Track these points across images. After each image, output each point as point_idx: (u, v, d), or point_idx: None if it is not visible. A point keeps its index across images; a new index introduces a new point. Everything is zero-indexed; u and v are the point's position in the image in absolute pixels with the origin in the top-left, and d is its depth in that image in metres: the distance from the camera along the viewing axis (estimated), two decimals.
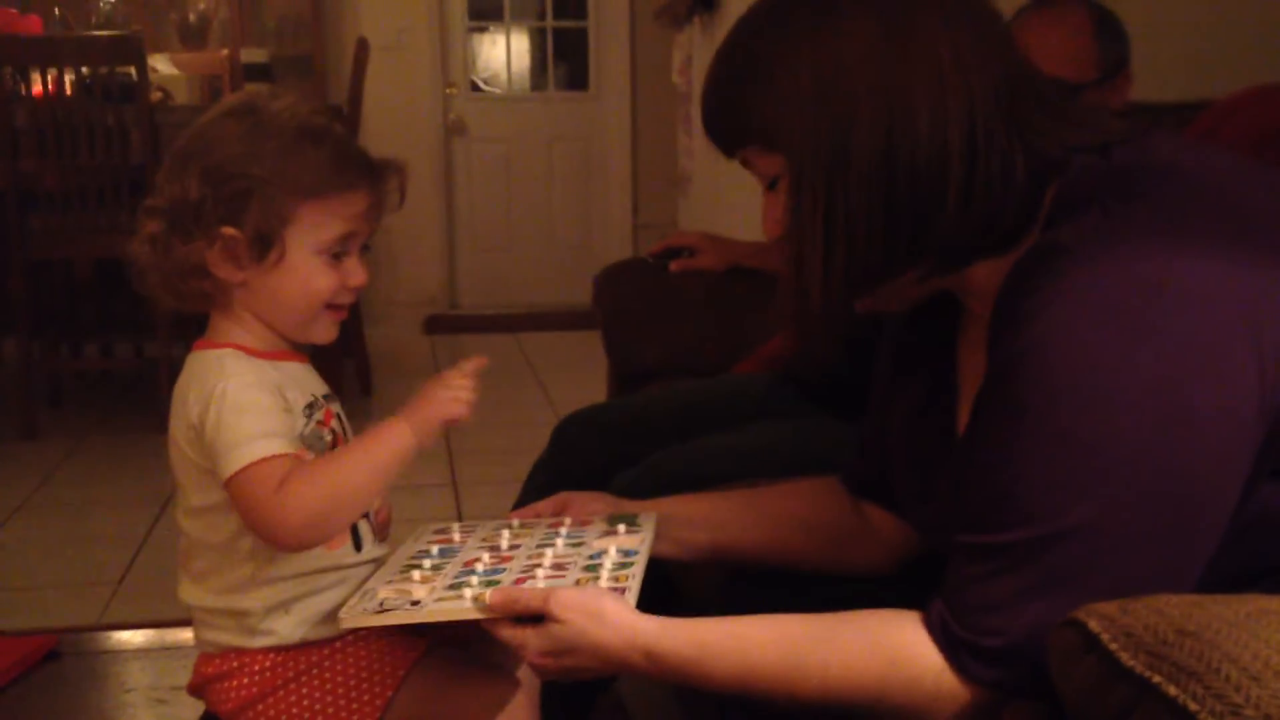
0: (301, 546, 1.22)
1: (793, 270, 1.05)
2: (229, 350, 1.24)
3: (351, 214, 1.25)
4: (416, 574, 1.22)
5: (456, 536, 1.33)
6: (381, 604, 1.15)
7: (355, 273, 1.27)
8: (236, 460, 1.17)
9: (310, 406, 1.27)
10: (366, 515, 1.31)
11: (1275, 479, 0.93)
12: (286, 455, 1.19)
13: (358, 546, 1.30)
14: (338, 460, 1.23)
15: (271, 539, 1.20)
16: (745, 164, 1.11)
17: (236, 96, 1.29)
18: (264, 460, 1.17)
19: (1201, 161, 1.00)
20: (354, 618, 1.14)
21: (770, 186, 1.09)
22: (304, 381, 1.29)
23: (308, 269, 1.24)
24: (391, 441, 1.22)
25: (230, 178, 1.20)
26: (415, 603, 1.15)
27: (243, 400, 1.19)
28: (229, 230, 1.20)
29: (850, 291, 1.05)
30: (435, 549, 1.30)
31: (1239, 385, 0.88)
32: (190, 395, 1.22)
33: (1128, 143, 1.02)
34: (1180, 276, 0.89)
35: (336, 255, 1.25)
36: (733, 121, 1.09)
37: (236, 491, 1.18)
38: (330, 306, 1.28)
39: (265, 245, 1.21)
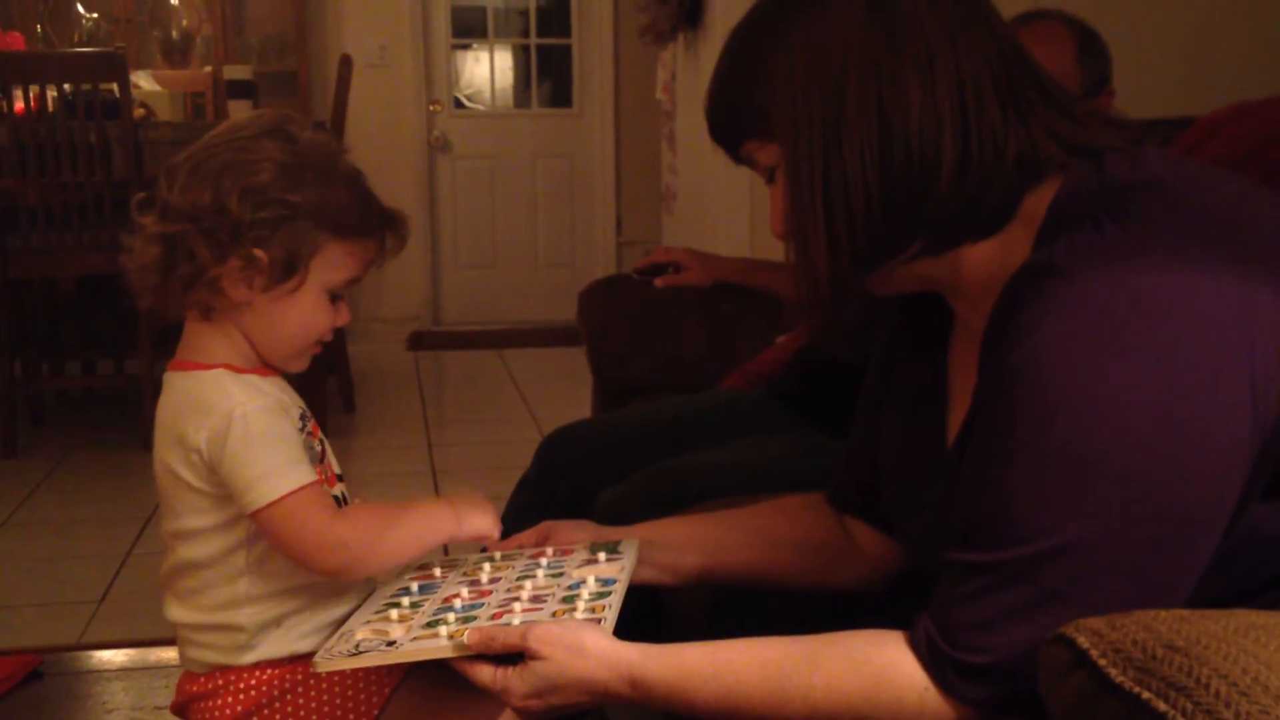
0: (338, 575, 1.24)
1: (798, 252, 1.06)
2: (223, 371, 1.23)
3: (365, 258, 1.27)
4: (394, 613, 1.21)
5: (438, 572, 1.32)
6: (358, 646, 1.15)
7: (343, 313, 1.30)
8: (273, 489, 1.17)
9: (302, 418, 1.27)
10: None
11: (1265, 501, 0.93)
12: (317, 483, 1.21)
13: None
14: (384, 514, 1.26)
15: (319, 562, 1.21)
16: (749, 163, 1.12)
17: (268, 115, 1.28)
18: (306, 487, 1.19)
19: (1192, 178, 1.01)
20: (329, 661, 1.13)
21: (770, 180, 1.10)
22: (290, 394, 1.29)
23: (314, 304, 1.25)
24: (437, 519, 1.27)
25: (272, 202, 1.20)
26: (391, 643, 1.14)
27: (264, 428, 1.19)
28: (259, 252, 1.20)
29: (856, 269, 1.05)
30: (415, 585, 1.29)
31: (1232, 404, 0.89)
32: (190, 418, 1.21)
33: (1121, 152, 1.02)
34: (1173, 295, 0.90)
35: (338, 296, 1.27)
36: (731, 116, 1.11)
37: (279, 517, 1.18)
38: (317, 342, 1.29)
39: (288, 272, 1.21)
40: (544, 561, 1.30)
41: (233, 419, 1.19)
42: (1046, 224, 1.00)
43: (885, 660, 0.99)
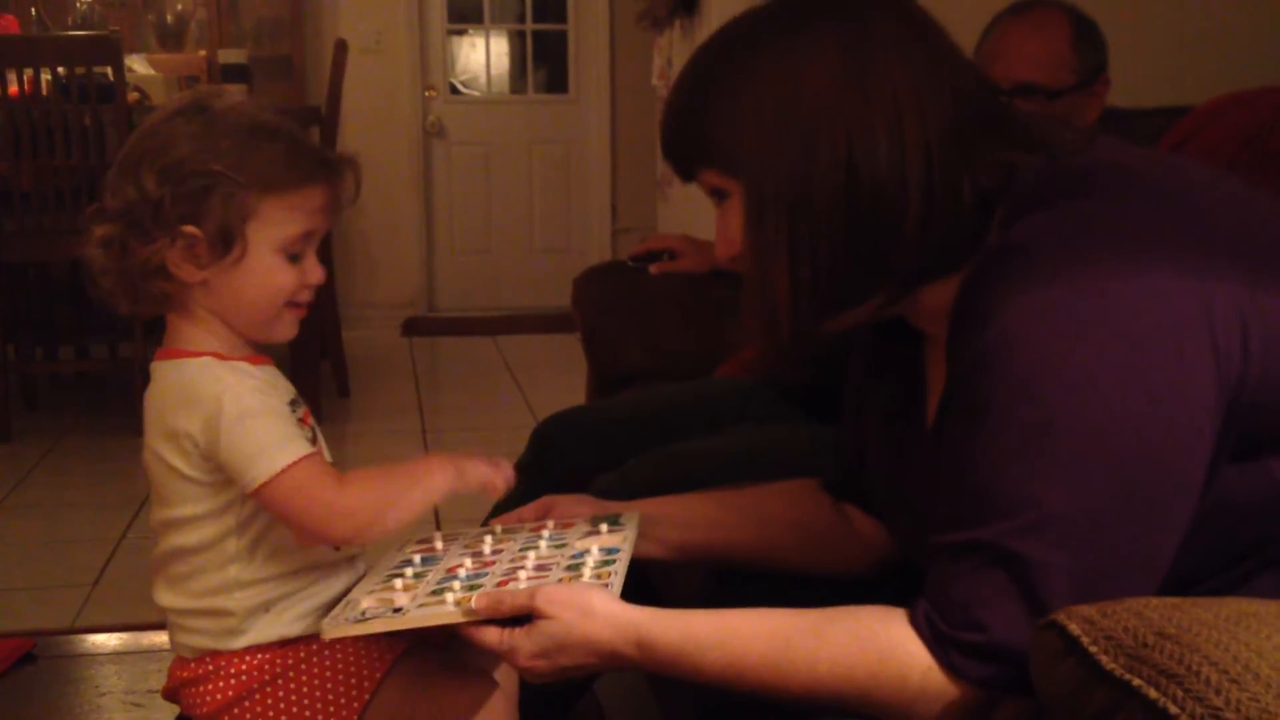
0: (347, 543, 1.25)
1: (758, 295, 1.06)
2: (209, 358, 1.23)
3: (310, 209, 1.25)
4: (399, 583, 1.21)
5: (439, 545, 1.32)
6: (364, 613, 1.15)
7: (314, 270, 1.28)
8: (275, 463, 1.17)
9: (293, 403, 1.27)
10: None
11: (1235, 463, 0.94)
12: (316, 453, 1.21)
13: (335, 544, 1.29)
14: (384, 476, 1.26)
15: (329, 531, 1.21)
16: (699, 183, 1.12)
17: (183, 97, 1.29)
18: (306, 458, 1.19)
19: (1143, 158, 1.04)
20: (336, 628, 1.14)
21: (719, 200, 1.10)
22: (279, 382, 1.29)
23: (268, 267, 1.23)
24: (433, 474, 1.26)
25: (189, 175, 1.19)
26: (398, 610, 1.14)
27: (254, 405, 1.19)
28: (189, 228, 1.19)
29: (816, 314, 1.06)
30: (418, 558, 1.29)
31: (1197, 368, 0.91)
32: (179, 406, 1.21)
33: (1074, 149, 1.04)
34: (1131, 264, 0.92)
35: (294, 254, 1.25)
36: (693, 145, 1.10)
37: (282, 490, 1.18)
38: (291, 304, 1.27)
39: (227, 242, 1.20)
40: (546, 534, 1.30)
41: (223, 401, 1.18)
42: (1005, 215, 1.01)
43: (891, 637, 1.00)
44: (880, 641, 1.00)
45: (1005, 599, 0.93)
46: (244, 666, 1.26)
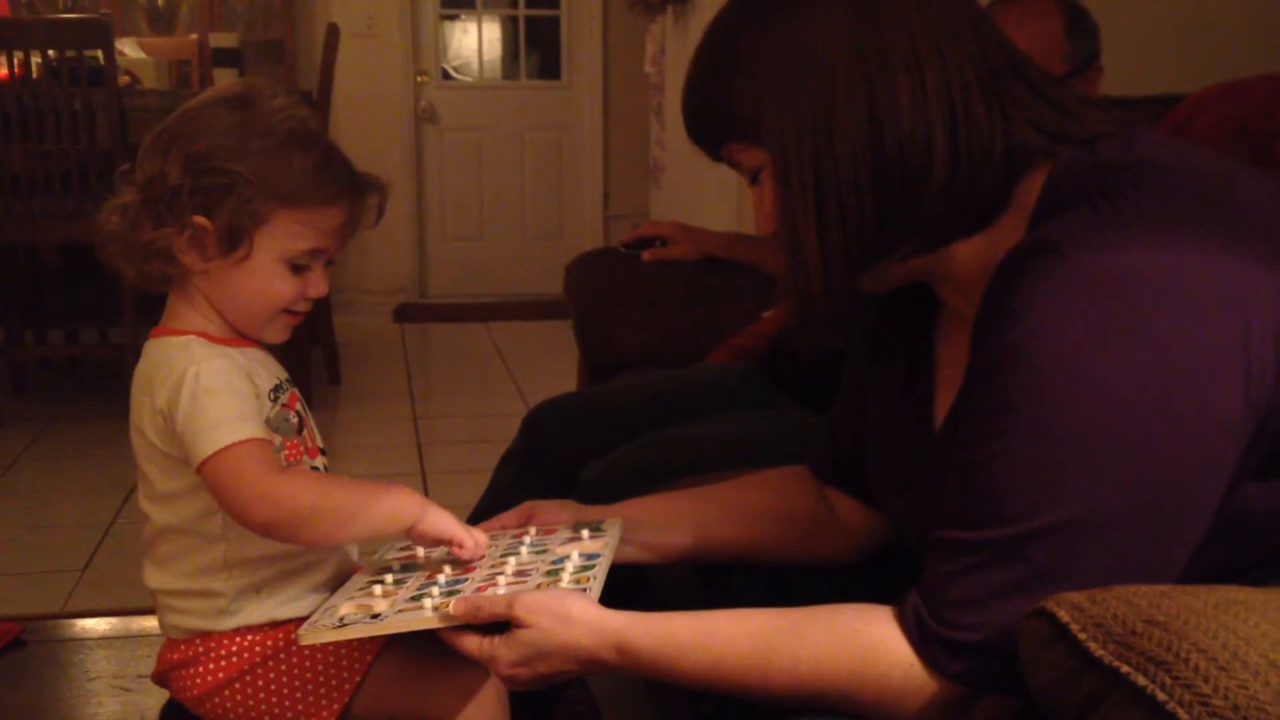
0: (267, 534, 1.20)
1: (789, 256, 1.05)
2: (193, 337, 1.23)
3: (325, 228, 1.24)
4: (378, 589, 1.21)
5: (420, 552, 1.32)
6: (341, 619, 1.15)
7: (317, 284, 1.27)
8: (214, 441, 1.16)
9: (276, 390, 1.27)
10: None
11: (1257, 479, 0.93)
12: (265, 440, 1.19)
13: None
14: (340, 482, 1.23)
15: (251, 516, 1.18)
16: (730, 163, 1.11)
17: (234, 85, 1.27)
18: (251, 440, 1.17)
19: (1185, 158, 1.00)
20: (313, 634, 1.14)
21: (754, 181, 1.09)
22: (266, 366, 1.29)
23: (270, 273, 1.23)
24: (396, 501, 1.22)
25: (211, 170, 1.19)
26: (376, 616, 1.14)
27: (216, 383, 1.19)
28: (200, 220, 1.19)
29: (849, 271, 1.05)
30: (398, 564, 1.29)
31: (1225, 387, 0.88)
32: (156, 381, 1.21)
33: (1112, 136, 1.02)
34: (1169, 276, 0.89)
35: (300, 266, 1.25)
36: (713, 119, 1.09)
37: (217, 469, 1.17)
38: (287, 312, 1.27)
39: (234, 242, 1.20)
40: (527, 540, 1.30)
41: (186, 376, 1.18)
42: (1040, 207, 1.00)
43: (872, 635, 0.99)
44: (862, 639, 0.99)
45: (1000, 602, 0.92)
46: (234, 648, 1.26)
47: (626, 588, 1.22)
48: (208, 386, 1.18)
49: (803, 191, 1.02)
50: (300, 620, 1.24)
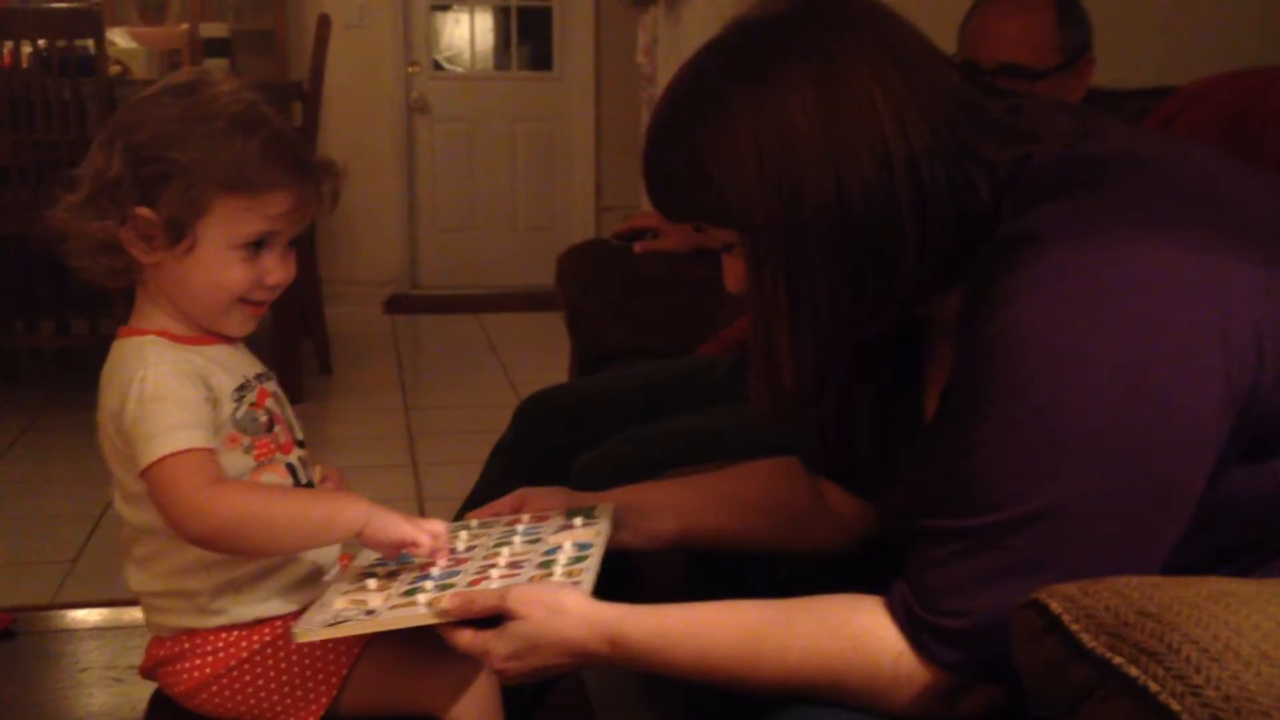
0: (204, 546, 1.19)
1: (762, 346, 1.05)
2: (151, 338, 1.22)
3: (272, 213, 1.20)
4: (371, 582, 1.21)
5: None
6: (336, 615, 1.15)
7: (273, 271, 1.23)
8: (156, 449, 1.15)
9: (241, 389, 1.24)
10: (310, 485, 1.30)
11: (1243, 464, 0.93)
12: (209, 449, 1.17)
13: None
14: (279, 493, 1.22)
15: (183, 529, 1.16)
16: (697, 230, 1.10)
17: (185, 72, 1.26)
18: (188, 451, 1.15)
19: (1163, 150, 1.01)
20: (309, 631, 1.13)
21: (726, 250, 1.08)
22: (232, 364, 1.26)
23: (218, 262, 1.20)
24: (338, 508, 1.20)
25: (151, 159, 1.17)
26: (370, 612, 1.14)
27: (162, 389, 1.17)
28: (143, 211, 1.18)
29: (823, 357, 1.05)
30: None
31: (1205, 372, 0.89)
32: (112, 384, 1.20)
33: (1086, 137, 1.02)
34: (1147, 264, 0.90)
35: (255, 250, 1.22)
36: (682, 205, 1.08)
37: (156, 478, 1.15)
38: (245, 301, 1.24)
39: (177, 233, 1.18)
40: (520, 528, 1.30)
41: (133, 382, 1.17)
42: (1020, 197, 1.00)
43: (862, 624, 1.00)
44: (852, 629, 1.00)
45: (985, 589, 0.93)
46: (219, 644, 1.25)
47: (619, 579, 1.22)
48: (153, 393, 1.16)
49: (774, 280, 1.01)
50: (285, 617, 1.24)
